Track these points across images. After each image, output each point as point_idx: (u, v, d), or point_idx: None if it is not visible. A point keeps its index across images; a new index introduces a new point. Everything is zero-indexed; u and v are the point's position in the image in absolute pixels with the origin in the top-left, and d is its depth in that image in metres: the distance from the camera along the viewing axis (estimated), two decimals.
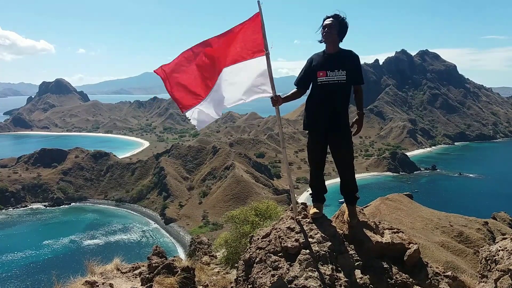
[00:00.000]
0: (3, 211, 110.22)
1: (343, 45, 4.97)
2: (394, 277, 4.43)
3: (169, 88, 5.45)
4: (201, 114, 5.45)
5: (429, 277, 4.58)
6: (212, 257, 10.85)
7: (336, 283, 4.14)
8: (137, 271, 7.09)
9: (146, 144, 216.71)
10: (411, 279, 4.48)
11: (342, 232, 4.87)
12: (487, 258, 4.65)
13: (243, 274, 4.96)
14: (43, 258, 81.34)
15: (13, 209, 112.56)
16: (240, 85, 5.27)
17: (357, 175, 5.22)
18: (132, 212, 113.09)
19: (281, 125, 5.55)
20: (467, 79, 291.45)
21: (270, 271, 4.45)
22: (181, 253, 62.67)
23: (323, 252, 4.42)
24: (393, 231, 5.07)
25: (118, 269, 7.15)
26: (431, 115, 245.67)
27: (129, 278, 6.93)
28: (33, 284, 61.70)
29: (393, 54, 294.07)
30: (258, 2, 5.01)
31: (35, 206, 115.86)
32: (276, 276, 4.34)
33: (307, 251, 4.42)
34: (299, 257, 4.38)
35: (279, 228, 4.94)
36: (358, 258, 4.53)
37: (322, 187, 5.33)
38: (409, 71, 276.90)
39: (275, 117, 5.42)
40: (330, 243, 4.55)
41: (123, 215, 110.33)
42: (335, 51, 4.88)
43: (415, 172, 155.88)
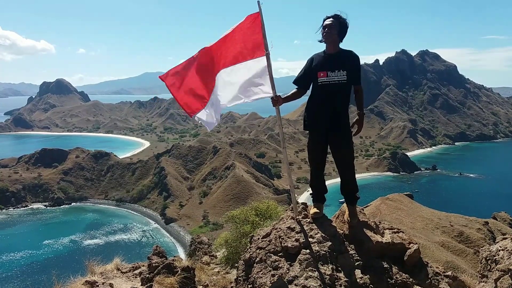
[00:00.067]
0: (4, 211, 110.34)
1: (344, 45, 5.00)
2: (394, 277, 4.43)
3: (175, 94, 5.43)
4: (208, 116, 5.47)
5: (429, 277, 4.58)
6: (212, 257, 10.85)
7: (336, 283, 4.14)
8: (137, 271, 7.10)
9: (146, 144, 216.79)
10: (411, 279, 4.48)
11: (342, 232, 4.87)
12: (487, 258, 4.65)
13: (243, 274, 4.96)
14: (43, 258, 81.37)
15: (14, 209, 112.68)
16: (240, 85, 5.27)
17: (357, 175, 5.22)
18: (132, 212, 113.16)
19: (281, 125, 5.55)
20: (467, 79, 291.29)
21: (270, 271, 4.45)
22: (181, 253, 62.66)
23: (323, 252, 4.42)
24: (393, 231, 5.07)
25: (118, 269, 7.16)
26: (432, 115, 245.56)
27: (129, 278, 6.93)
28: (33, 284, 61.62)
29: (393, 54, 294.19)
30: (258, 2, 5.01)
31: (36, 206, 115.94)
32: (276, 276, 4.34)
33: (307, 251, 4.42)
34: (299, 257, 4.38)
35: (280, 228, 4.94)
36: (358, 258, 4.53)
37: (322, 187, 5.33)
38: (409, 71, 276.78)
39: (276, 117, 5.42)
40: (330, 243, 4.55)
41: (124, 215, 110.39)
42: (335, 51, 4.88)
43: (416, 172, 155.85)
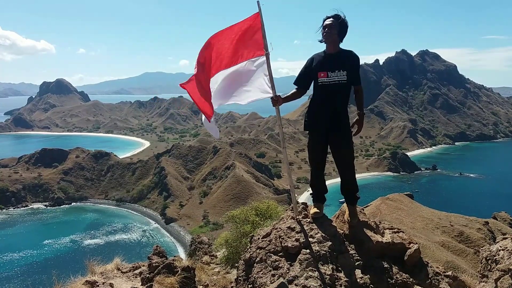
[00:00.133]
0: (4, 210, 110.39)
1: (344, 45, 5.00)
2: (394, 277, 4.43)
3: (196, 101, 5.32)
4: (213, 122, 5.44)
5: (430, 277, 4.58)
6: (212, 257, 10.85)
7: (336, 283, 4.14)
8: (137, 271, 7.10)
9: (146, 144, 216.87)
10: (411, 279, 4.48)
11: (342, 232, 4.87)
12: (488, 258, 4.65)
13: (243, 273, 4.96)
14: (43, 257, 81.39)
15: (14, 209, 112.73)
16: (240, 86, 5.26)
17: (357, 175, 5.22)
18: (132, 212, 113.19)
19: (281, 125, 5.55)
20: (467, 79, 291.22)
21: (270, 271, 4.45)
22: (182, 253, 62.65)
23: (324, 252, 4.42)
24: (393, 231, 5.07)
25: (118, 269, 7.16)
26: (432, 115, 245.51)
27: (129, 277, 6.94)
28: (33, 284, 61.60)
29: (393, 54, 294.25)
30: (257, 2, 5.01)
31: (36, 206, 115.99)
32: (276, 275, 4.34)
33: (308, 251, 4.42)
34: (299, 257, 4.38)
35: (280, 228, 4.94)
36: (358, 258, 4.53)
37: (322, 187, 5.33)
38: (409, 71, 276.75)
39: (276, 117, 5.42)
40: (330, 243, 4.55)
41: (124, 215, 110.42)
42: (335, 51, 4.88)
43: (416, 172, 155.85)
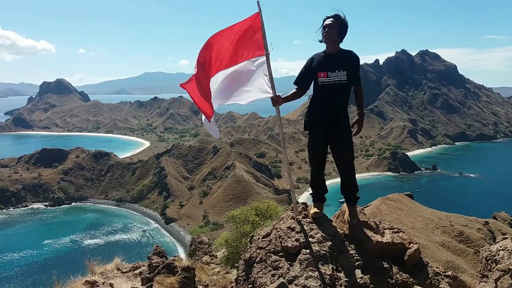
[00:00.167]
0: (4, 210, 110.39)
1: (344, 45, 5.00)
2: (394, 277, 4.43)
3: (196, 101, 5.32)
4: (213, 122, 5.44)
5: (430, 277, 4.58)
6: (212, 257, 10.85)
7: (336, 283, 4.14)
8: (137, 271, 7.10)
9: (146, 144, 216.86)
10: (411, 279, 4.48)
11: (342, 232, 4.87)
12: (488, 258, 4.65)
13: (243, 273, 4.96)
14: (43, 257, 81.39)
15: (14, 209, 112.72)
16: (239, 86, 5.25)
17: (357, 175, 5.22)
18: (132, 212, 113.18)
19: (281, 125, 5.55)
20: (467, 79, 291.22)
21: (270, 271, 4.45)
22: (182, 253, 62.65)
23: (324, 252, 4.42)
24: (393, 231, 5.06)
25: (118, 269, 7.16)
26: (432, 115, 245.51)
27: (129, 277, 6.94)
28: (33, 284, 61.61)
29: (393, 54, 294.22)
30: (257, 2, 5.00)
31: (36, 206, 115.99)
32: (276, 276, 4.34)
33: (308, 251, 4.42)
34: (299, 257, 4.38)
35: (280, 228, 4.94)
36: (358, 258, 4.53)
37: (322, 187, 5.33)
38: (409, 71, 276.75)
39: (276, 117, 5.43)
40: (330, 243, 4.55)
41: (124, 215, 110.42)
42: (335, 51, 4.88)
43: (416, 172, 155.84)
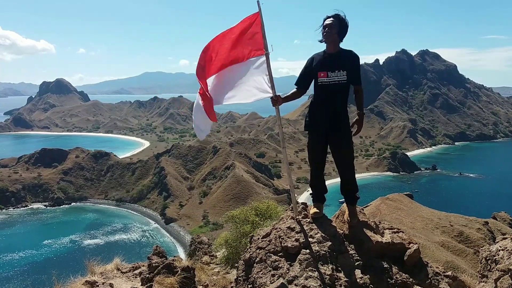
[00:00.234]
0: (4, 211, 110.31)
1: (344, 45, 5.00)
2: (394, 277, 4.43)
3: (206, 110, 5.32)
4: (209, 123, 5.44)
5: (429, 277, 4.58)
6: (212, 257, 10.85)
7: (336, 283, 4.14)
8: (137, 271, 7.10)
9: (146, 144, 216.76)
10: (411, 279, 4.48)
11: (342, 232, 4.87)
12: (487, 258, 4.65)
13: (243, 274, 4.96)
14: (43, 258, 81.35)
15: (14, 209, 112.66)
16: (239, 85, 5.25)
17: (357, 175, 5.22)
18: (132, 212, 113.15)
19: (281, 125, 5.55)
20: (467, 79, 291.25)
21: (270, 271, 4.44)
22: (181, 253, 62.67)
23: (323, 252, 4.42)
24: (393, 231, 5.06)
25: (118, 269, 7.15)
26: (432, 115, 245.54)
27: (129, 278, 6.93)
28: (33, 284, 61.61)
29: (393, 54, 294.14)
30: (257, 2, 5.00)
31: (36, 206, 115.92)
32: (276, 276, 4.34)
33: (307, 251, 4.42)
34: (299, 257, 4.38)
35: (279, 228, 4.94)
36: (358, 258, 4.52)
37: (322, 187, 5.33)
38: (409, 71, 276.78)
39: (275, 117, 5.43)
40: (330, 243, 4.55)
41: (124, 215, 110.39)
42: (335, 51, 4.88)
43: (416, 172, 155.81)
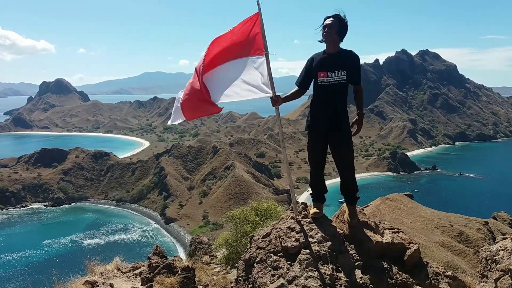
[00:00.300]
0: (4, 211, 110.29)
1: (344, 45, 4.98)
2: (394, 277, 4.43)
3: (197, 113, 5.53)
4: (176, 109, 5.59)
5: (429, 277, 4.58)
6: (212, 257, 10.85)
7: (336, 283, 4.14)
8: (137, 271, 7.10)
9: (146, 144, 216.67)
10: (411, 279, 4.48)
11: (342, 232, 4.87)
12: (488, 258, 4.65)
13: (243, 274, 4.96)
14: (43, 258, 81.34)
15: (14, 209, 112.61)
16: (238, 83, 5.23)
17: (357, 175, 5.22)
18: (132, 212, 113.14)
19: (281, 125, 5.55)
20: (467, 79, 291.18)
21: (270, 271, 4.44)
22: (182, 253, 62.67)
23: (323, 252, 4.42)
24: (393, 231, 5.06)
25: (118, 269, 7.16)
26: (432, 115, 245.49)
27: (129, 278, 6.94)
28: (33, 284, 61.60)
29: (393, 54, 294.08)
30: (257, 2, 5.01)
31: (36, 206, 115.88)
32: (276, 276, 4.34)
33: (307, 251, 4.42)
34: (299, 257, 4.38)
35: (280, 228, 4.94)
36: (358, 258, 4.52)
37: (322, 187, 5.33)
38: (409, 71, 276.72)
39: (275, 117, 5.46)
40: (330, 243, 4.55)
41: (124, 215, 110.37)
42: (335, 51, 4.88)
43: (415, 172, 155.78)
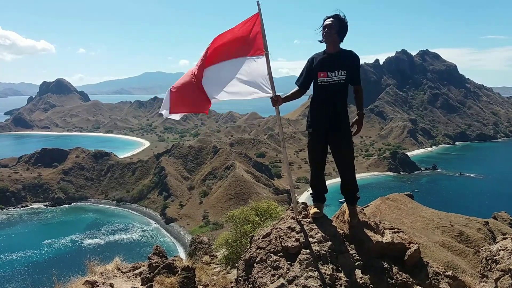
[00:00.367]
0: (4, 210, 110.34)
1: (344, 45, 4.99)
2: (394, 277, 4.43)
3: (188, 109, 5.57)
4: (165, 101, 5.53)
5: (430, 277, 4.58)
6: (212, 257, 10.85)
7: (336, 283, 4.14)
8: (137, 271, 7.10)
9: (146, 144, 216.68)
10: (411, 279, 4.48)
11: (342, 232, 4.87)
12: (488, 258, 4.64)
13: (243, 274, 4.96)
14: (43, 257, 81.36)
15: (14, 208, 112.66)
16: (240, 83, 5.24)
17: (357, 175, 5.21)
18: (132, 212, 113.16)
19: (281, 125, 5.55)
20: (468, 79, 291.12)
21: (270, 271, 4.44)
22: (182, 253, 62.65)
23: (324, 252, 4.42)
24: (393, 230, 5.06)
25: (118, 269, 7.16)
26: (432, 115, 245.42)
27: (129, 277, 6.94)
28: (33, 284, 61.61)
29: (393, 54, 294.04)
30: (257, 2, 5.01)
31: (36, 205, 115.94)
32: (276, 276, 4.34)
33: (308, 250, 4.42)
34: (299, 257, 4.38)
35: (280, 227, 4.94)
36: (358, 258, 4.52)
37: (322, 187, 5.33)
38: (409, 71, 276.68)
39: (276, 117, 5.49)
40: (330, 243, 4.55)
41: (124, 214, 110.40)
42: (335, 51, 4.88)
43: (416, 172, 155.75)
